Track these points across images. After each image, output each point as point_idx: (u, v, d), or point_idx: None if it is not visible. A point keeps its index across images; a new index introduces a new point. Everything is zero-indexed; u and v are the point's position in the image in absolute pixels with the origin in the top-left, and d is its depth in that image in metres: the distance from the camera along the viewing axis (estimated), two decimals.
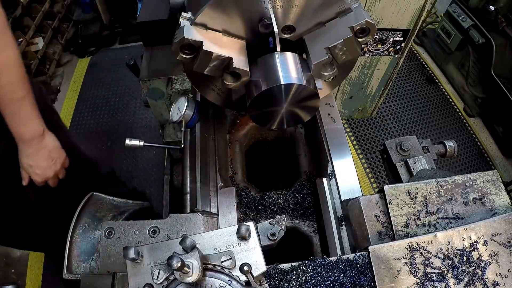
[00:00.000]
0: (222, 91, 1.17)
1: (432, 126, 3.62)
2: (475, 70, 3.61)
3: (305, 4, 0.96)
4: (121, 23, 4.42)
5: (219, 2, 0.91)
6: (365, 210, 0.89)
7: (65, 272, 0.97)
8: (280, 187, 1.42)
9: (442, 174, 1.02)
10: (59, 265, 0.98)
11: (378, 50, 2.70)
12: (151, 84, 1.88)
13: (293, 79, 0.95)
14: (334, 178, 1.20)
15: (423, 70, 4.13)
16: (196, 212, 0.97)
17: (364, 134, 3.52)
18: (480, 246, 0.78)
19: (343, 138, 1.30)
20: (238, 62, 0.96)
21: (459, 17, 3.61)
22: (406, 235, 0.84)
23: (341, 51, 0.98)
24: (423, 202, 0.87)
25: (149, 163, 3.31)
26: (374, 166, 3.30)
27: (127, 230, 0.92)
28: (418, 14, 2.42)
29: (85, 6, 4.33)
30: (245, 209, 1.33)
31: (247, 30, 1.00)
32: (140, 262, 0.70)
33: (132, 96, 3.87)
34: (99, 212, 1.12)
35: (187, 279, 0.63)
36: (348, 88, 3.10)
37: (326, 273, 0.78)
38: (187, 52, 0.94)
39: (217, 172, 1.27)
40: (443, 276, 0.75)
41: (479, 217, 0.85)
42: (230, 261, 0.67)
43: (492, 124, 3.58)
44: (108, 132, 3.57)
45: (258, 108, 1.03)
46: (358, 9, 0.97)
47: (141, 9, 1.98)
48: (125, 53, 4.31)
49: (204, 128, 1.39)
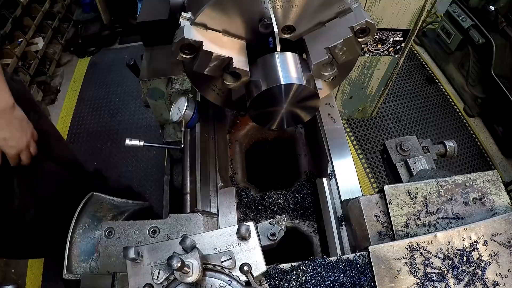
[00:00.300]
0: (222, 91, 1.17)
1: (432, 126, 3.62)
2: (475, 70, 3.61)
3: (305, 4, 0.96)
4: (121, 23, 4.42)
5: (219, 2, 0.91)
6: (365, 210, 0.89)
7: (65, 272, 0.97)
8: (280, 187, 1.42)
9: (442, 174, 1.02)
10: (59, 265, 0.98)
11: (378, 50, 2.70)
12: (151, 84, 1.88)
13: (293, 79, 0.95)
14: (334, 178, 1.20)
15: (423, 70, 4.13)
16: (196, 212, 0.97)
17: (364, 134, 3.52)
18: (480, 246, 0.78)
19: (343, 138, 1.30)
20: (238, 62, 0.96)
21: (459, 17, 3.61)
22: (406, 235, 0.84)
23: (341, 51, 0.98)
24: (423, 202, 0.87)
25: (149, 163, 3.31)
26: (374, 166, 3.30)
27: (127, 230, 0.92)
28: (418, 14, 2.42)
29: (85, 6, 4.33)
30: (245, 209, 1.33)
31: (247, 30, 1.00)
32: (140, 262, 0.70)
33: (132, 96, 3.87)
34: (99, 212, 1.12)
35: (187, 279, 0.63)
36: (348, 88, 3.10)
37: (326, 273, 0.78)
38: (187, 52, 0.94)
39: (217, 172, 1.27)
40: (443, 276, 0.75)
41: (479, 217, 0.85)
42: (230, 261, 0.67)
43: (492, 124, 3.58)
44: (108, 132, 3.57)
45: (258, 108, 1.03)
46: (358, 9, 0.97)
47: (141, 9, 1.98)
48: (125, 53, 4.31)
49: (204, 128, 1.39)
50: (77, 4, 4.49)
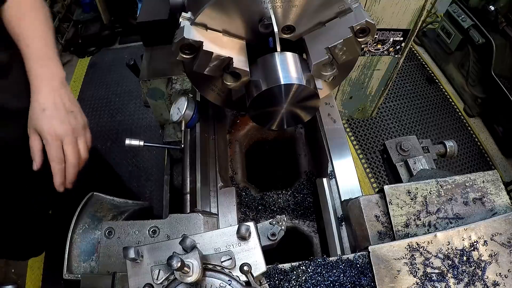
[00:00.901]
0: (222, 91, 1.17)
1: (432, 126, 3.62)
2: (475, 70, 3.61)
3: (305, 4, 0.96)
4: (121, 23, 4.42)
5: (219, 2, 0.91)
6: (365, 210, 0.89)
7: (65, 272, 0.97)
8: (280, 187, 1.42)
9: (442, 174, 1.02)
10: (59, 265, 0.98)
11: (378, 50, 2.70)
12: (151, 84, 1.88)
13: (293, 79, 0.95)
14: (334, 178, 1.20)
15: (423, 70, 4.13)
16: (196, 212, 0.97)
17: (364, 134, 3.52)
18: (480, 246, 0.78)
19: (343, 138, 1.30)
20: (238, 62, 0.96)
21: (459, 17, 3.61)
22: (406, 235, 0.84)
23: (341, 51, 0.98)
24: (423, 202, 0.87)
25: (149, 163, 3.31)
26: (374, 166, 3.30)
27: (127, 230, 0.92)
28: (418, 14, 2.42)
29: (85, 6, 4.32)
30: (245, 209, 1.33)
31: (247, 30, 1.00)
32: (140, 262, 0.70)
33: (132, 96, 3.87)
34: (99, 212, 1.12)
35: (187, 279, 0.63)
36: (348, 88, 3.10)
37: (326, 273, 0.78)
38: (187, 52, 0.94)
39: (217, 172, 1.27)
40: (443, 276, 0.75)
41: (479, 217, 0.85)
42: (230, 261, 0.67)
43: (492, 124, 3.58)
44: (108, 132, 3.57)
45: (258, 108, 1.03)
46: (358, 9, 0.97)
47: (141, 9, 1.97)
48: (125, 53, 4.31)
49: (204, 128, 1.38)
50: (77, 4, 4.49)
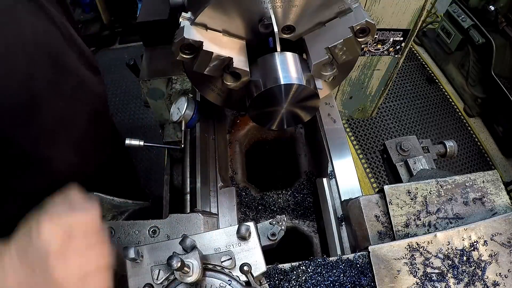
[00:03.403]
0: (222, 91, 1.17)
1: (432, 126, 3.62)
2: (475, 70, 3.61)
3: (305, 4, 0.95)
4: (121, 23, 4.42)
5: (219, 2, 0.91)
6: (365, 210, 0.89)
7: None
8: (280, 187, 1.42)
9: (442, 174, 1.02)
10: None
11: (378, 50, 2.70)
12: (151, 84, 1.88)
13: (293, 79, 0.95)
14: (334, 178, 1.20)
15: (423, 70, 4.13)
16: (196, 212, 0.97)
17: (364, 134, 3.52)
18: (480, 246, 0.78)
19: (343, 138, 1.30)
20: (238, 62, 0.96)
21: (459, 17, 3.61)
22: (406, 235, 0.84)
23: (341, 51, 0.98)
24: (423, 202, 0.87)
25: (149, 163, 3.31)
26: (374, 166, 3.30)
27: (127, 230, 0.92)
28: (418, 14, 2.42)
29: (85, 6, 4.32)
30: (245, 209, 1.33)
31: (247, 30, 1.00)
32: (140, 262, 0.70)
33: (132, 96, 3.87)
34: None
35: (187, 279, 0.63)
36: (348, 88, 3.10)
37: (326, 273, 0.78)
38: (187, 52, 0.94)
39: (217, 172, 1.27)
40: (443, 276, 0.75)
41: (479, 217, 0.85)
42: (230, 261, 0.67)
43: (492, 124, 3.58)
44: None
45: (258, 108, 1.03)
46: (358, 9, 0.97)
47: (141, 9, 1.97)
48: (125, 53, 4.30)
49: (204, 128, 1.38)
50: (77, 4, 4.49)
